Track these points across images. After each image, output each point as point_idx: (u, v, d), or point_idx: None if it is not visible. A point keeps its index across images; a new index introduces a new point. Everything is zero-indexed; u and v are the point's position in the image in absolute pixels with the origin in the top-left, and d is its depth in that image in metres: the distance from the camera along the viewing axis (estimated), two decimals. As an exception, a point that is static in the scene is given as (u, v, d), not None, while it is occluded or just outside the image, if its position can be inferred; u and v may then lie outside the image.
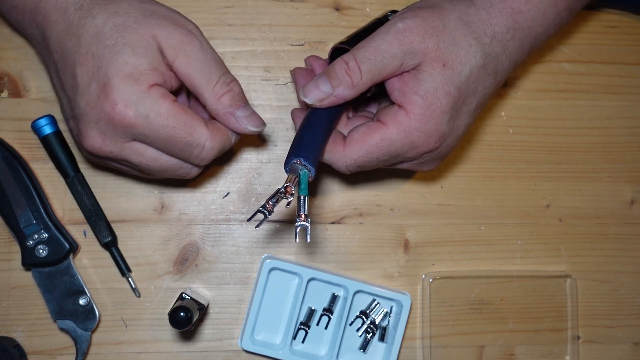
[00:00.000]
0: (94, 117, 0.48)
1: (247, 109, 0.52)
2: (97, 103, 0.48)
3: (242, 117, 0.51)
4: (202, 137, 0.50)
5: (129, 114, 0.47)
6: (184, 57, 0.49)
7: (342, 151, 0.52)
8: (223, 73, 0.51)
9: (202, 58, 0.50)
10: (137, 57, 0.48)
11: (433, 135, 0.51)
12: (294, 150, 0.49)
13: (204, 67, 0.50)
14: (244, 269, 0.64)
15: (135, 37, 0.48)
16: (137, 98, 0.47)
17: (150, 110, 0.48)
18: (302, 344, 0.64)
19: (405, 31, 0.50)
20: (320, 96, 0.51)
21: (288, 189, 0.47)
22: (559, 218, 0.67)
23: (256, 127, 0.52)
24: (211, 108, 0.51)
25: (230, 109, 0.51)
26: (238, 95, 0.51)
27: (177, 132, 0.49)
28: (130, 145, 0.50)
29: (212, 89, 0.50)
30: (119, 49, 0.48)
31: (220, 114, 0.51)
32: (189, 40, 0.50)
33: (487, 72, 0.52)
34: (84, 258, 0.62)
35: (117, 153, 0.50)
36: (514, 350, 0.66)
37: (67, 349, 0.61)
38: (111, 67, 0.47)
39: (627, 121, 0.68)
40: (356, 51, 0.51)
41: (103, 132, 0.49)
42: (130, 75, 0.47)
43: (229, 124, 0.52)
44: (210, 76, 0.50)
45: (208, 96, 0.50)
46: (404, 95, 0.51)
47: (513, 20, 0.53)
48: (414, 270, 0.65)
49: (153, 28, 0.49)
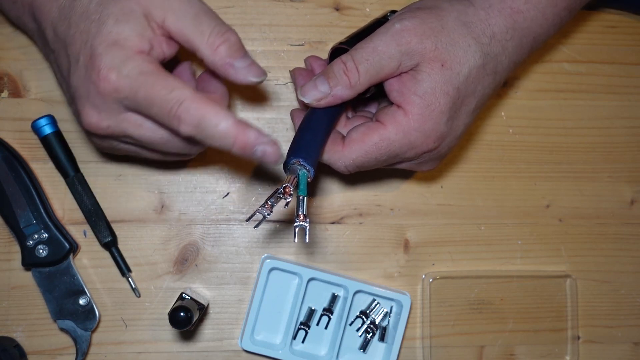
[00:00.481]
0: (85, 92, 0.48)
1: (246, 59, 0.49)
2: (85, 75, 0.47)
3: (242, 68, 0.49)
4: (182, 94, 0.46)
5: (112, 77, 0.46)
6: (172, 14, 0.48)
7: (341, 151, 0.52)
8: (217, 23, 0.48)
9: (191, 11, 0.48)
10: (120, 25, 0.47)
11: (432, 136, 0.51)
12: (292, 151, 0.49)
13: (194, 20, 0.48)
14: (244, 269, 0.64)
15: (118, 7, 0.47)
16: (120, 61, 0.46)
17: (132, 70, 0.46)
18: (302, 344, 0.64)
19: (403, 32, 0.50)
20: (318, 96, 0.51)
21: (287, 190, 0.47)
22: (559, 218, 0.67)
23: (257, 77, 0.49)
24: (208, 61, 0.48)
25: (228, 59, 0.48)
26: (235, 45, 0.48)
27: (156, 88, 0.46)
28: (126, 117, 0.48)
29: (206, 41, 0.48)
30: (103, 21, 0.47)
31: (218, 66, 0.48)
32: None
33: (487, 72, 0.52)
34: (84, 258, 0.62)
35: (116, 127, 0.49)
36: (514, 350, 0.66)
37: (67, 349, 0.62)
38: (96, 38, 0.46)
39: (627, 121, 0.68)
40: (354, 52, 0.51)
41: (96, 105, 0.48)
42: (114, 42, 0.46)
43: (228, 75, 0.49)
44: (202, 28, 0.48)
45: (204, 49, 0.48)
46: (402, 96, 0.51)
47: (512, 20, 0.53)
48: (414, 270, 0.65)
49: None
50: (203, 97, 0.46)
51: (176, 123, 0.46)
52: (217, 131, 0.46)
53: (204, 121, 0.45)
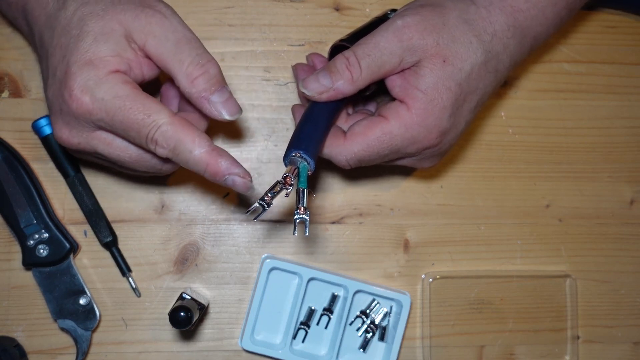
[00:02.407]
0: (57, 107, 0.47)
1: (223, 94, 0.48)
2: (58, 92, 0.47)
3: (217, 103, 0.48)
4: (160, 118, 0.45)
5: (85, 100, 0.45)
6: (153, 39, 0.47)
7: (342, 145, 0.52)
8: (197, 53, 0.47)
9: (172, 38, 0.47)
10: (97, 44, 0.46)
11: (434, 131, 0.51)
12: (293, 143, 0.49)
13: (174, 47, 0.47)
14: (244, 269, 0.64)
15: (99, 25, 0.46)
16: (94, 83, 0.45)
17: (106, 94, 0.45)
18: (302, 344, 0.64)
19: (405, 28, 0.50)
20: (319, 89, 0.51)
21: (287, 179, 0.47)
22: (558, 218, 0.67)
23: (231, 115, 0.48)
24: (185, 91, 0.48)
25: (204, 93, 0.47)
26: (214, 78, 0.48)
27: (133, 112, 0.45)
28: (97, 135, 0.48)
29: (184, 70, 0.47)
30: (82, 38, 0.46)
31: (194, 98, 0.48)
32: (156, 20, 0.47)
33: (488, 69, 0.52)
34: (84, 258, 0.62)
35: (85, 144, 0.48)
36: (514, 350, 0.66)
37: (68, 348, 0.62)
38: (73, 55, 0.46)
39: (627, 121, 0.68)
40: (356, 47, 0.51)
41: (67, 122, 0.47)
42: (88, 62, 0.46)
43: (203, 109, 0.48)
44: (181, 56, 0.47)
45: (181, 78, 0.47)
46: (405, 91, 0.51)
47: (513, 18, 0.53)
48: (414, 270, 0.65)
49: (119, 14, 0.47)
50: (180, 121, 0.46)
51: (153, 146, 0.46)
52: (191, 157, 0.46)
53: (179, 146, 0.46)
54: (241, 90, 0.64)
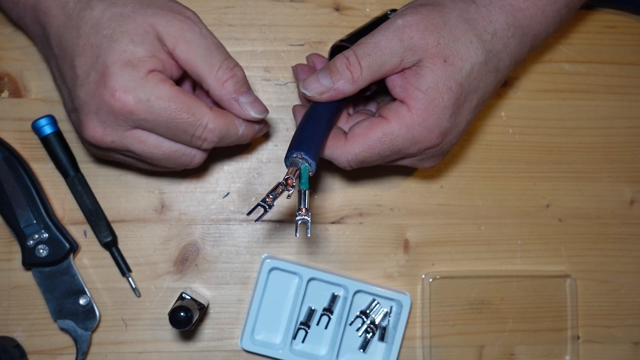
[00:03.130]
0: (94, 107, 0.48)
1: (250, 95, 0.52)
2: (96, 92, 0.48)
3: (246, 103, 0.51)
4: (204, 116, 0.49)
5: (129, 101, 0.47)
6: (184, 44, 0.49)
7: (343, 146, 0.52)
8: (225, 58, 0.50)
9: (203, 44, 0.50)
10: (135, 45, 0.48)
11: (435, 131, 0.51)
12: (294, 144, 0.49)
13: (205, 52, 0.49)
14: (244, 269, 0.64)
15: (132, 26, 0.48)
16: (136, 84, 0.47)
17: (150, 94, 0.47)
18: (302, 344, 0.64)
19: (405, 28, 0.50)
20: (320, 89, 0.51)
21: (289, 181, 0.47)
22: (558, 218, 0.67)
23: (259, 113, 0.52)
24: (215, 94, 0.51)
25: (234, 94, 0.51)
26: (241, 81, 0.51)
27: (178, 113, 0.48)
28: (131, 134, 0.50)
29: (215, 75, 0.50)
30: (116, 38, 0.47)
31: (224, 99, 0.51)
32: (188, 27, 0.49)
33: (489, 69, 0.52)
34: (84, 258, 0.62)
35: (119, 142, 0.50)
36: (514, 350, 0.66)
37: (68, 348, 0.62)
38: (109, 55, 0.47)
39: (627, 121, 0.68)
40: (357, 47, 0.51)
41: (104, 121, 0.49)
42: (128, 62, 0.47)
43: (232, 109, 0.51)
44: (212, 61, 0.50)
45: (211, 82, 0.50)
46: (405, 91, 0.51)
47: (513, 17, 0.53)
48: (414, 270, 0.65)
49: (151, 17, 0.48)
50: (218, 113, 0.51)
51: (199, 143, 0.51)
52: (237, 137, 0.53)
53: (226, 135, 0.51)
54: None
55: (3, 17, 0.60)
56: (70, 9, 0.49)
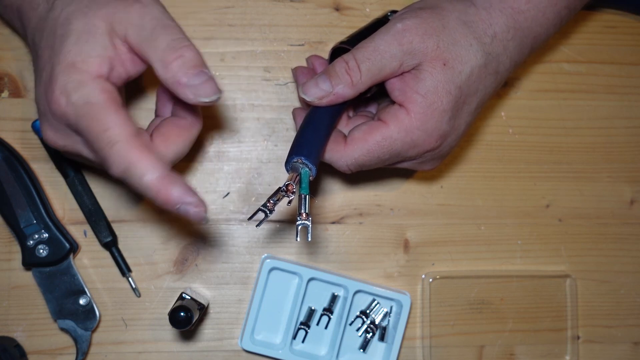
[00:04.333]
0: (42, 109, 0.47)
1: (199, 77, 0.45)
2: (45, 93, 0.46)
3: (193, 86, 0.45)
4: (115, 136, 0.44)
5: (62, 102, 0.45)
6: (131, 28, 0.46)
7: (343, 150, 0.52)
8: (173, 39, 0.46)
9: (149, 25, 0.46)
10: (79, 45, 0.45)
11: (434, 134, 0.51)
12: (294, 149, 0.49)
13: (151, 34, 0.45)
14: (244, 269, 0.64)
15: (81, 23, 0.46)
16: (73, 86, 0.45)
17: (80, 98, 0.44)
18: (302, 344, 0.64)
19: (405, 31, 0.50)
20: (319, 94, 0.51)
21: (289, 187, 0.47)
22: (558, 218, 0.67)
23: (207, 96, 0.45)
24: (161, 78, 0.46)
25: (178, 77, 0.45)
26: (190, 62, 0.45)
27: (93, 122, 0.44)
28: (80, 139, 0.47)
29: (160, 56, 0.45)
30: (65, 38, 0.46)
31: (169, 83, 0.45)
32: (135, 9, 0.46)
33: (488, 71, 0.52)
34: (84, 258, 0.62)
35: (71, 147, 0.48)
36: (514, 350, 0.66)
37: (68, 348, 0.62)
38: (57, 56, 0.46)
39: (627, 121, 0.68)
40: (356, 51, 0.51)
41: (51, 124, 0.47)
42: (71, 64, 0.45)
43: (178, 94, 0.46)
44: (157, 42, 0.45)
45: (156, 65, 0.45)
46: (404, 95, 0.51)
47: (513, 20, 0.53)
48: (414, 270, 0.65)
49: (102, 8, 0.46)
50: (137, 142, 0.44)
51: (106, 163, 0.45)
52: (141, 182, 0.44)
53: (130, 169, 0.44)
54: (241, 90, 0.64)
55: (1, 19, 0.60)
56: (40, 11, 0.49)
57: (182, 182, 0.44)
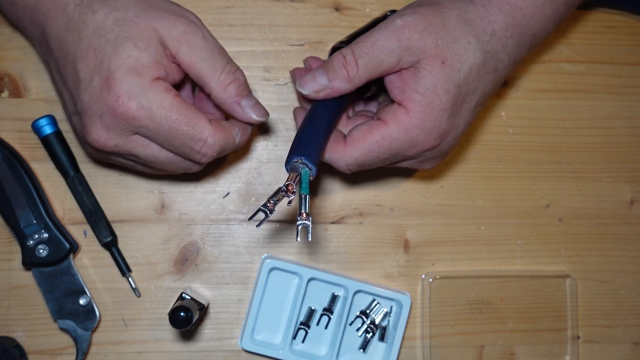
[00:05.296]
0: (97, 111, 0.48)
1: (251, 99, 0.52)
2: (100, 96, 0.48)
3: (247, 107, 0.52)
4: (204, 130, 0.50)
5: (132, 106, 0.47)
6: (187, 48, 0.49)
7: (342, 150, 0.52)
8: (227, 62, 0.51)
9: (206, 47, 0.50)
10: (139, 51, 0.48)
11: (433, 133, 0.51)
12: (295, 149, 0.49)
13: (208, 56, 0.50)
14: (244, 269, 0.64)
15: (136, 31, 0.48)
16: (140, 90, 0.48)
17: (153, 102, 0.48)
18: (302, 344, 0.64)
19: (404, 28, 0.50)
20: (316, 87, 0.51)
21: (289, 188, 0.47)
22: (558, 218, 0.67)
23: (261, 116, 0.53)
24: (217, 97, 0.51)
25: (236, 98, 0.51)
26: (243, 85, 0.52)
27: (179, 124, 0.49)
28: (134, 138, 0.50)
29: (217, 78, 0.50)
30: (120, 43, 0.48)
31: (227, 103, 0.51)
32: (191, 30, 0.50)
33: (487, 69, 0.52)
34: (84, 258, 0.62)
35: (122, 146, 0.50)
36: (514, 350, 0.66)
37: (68, 348, 0.62)
38: (114, 60, 0.47)
39: (627, 121, 0.68)
40: (354, 46, 0.51)
41: (107, 125, 0.49)
42: (132, 68, 0.47)
43: (234, 113, 0.52)
44: (215, 65, 0.50)
45: (214, 85, 0.50)
46: (403, 93, 0.51)
47: (511, 17, 0.53)
48: (414, 270, 0.65)
49: (154, 21, 0.49)
50: (217, 127, 0.51)
51: (198, 157, 0.51)
52: (234, 147, 0.53)
53: (225, 147, 0.52)
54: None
55: (2, 18, 0.60)
56: (70, 12, 0.49)
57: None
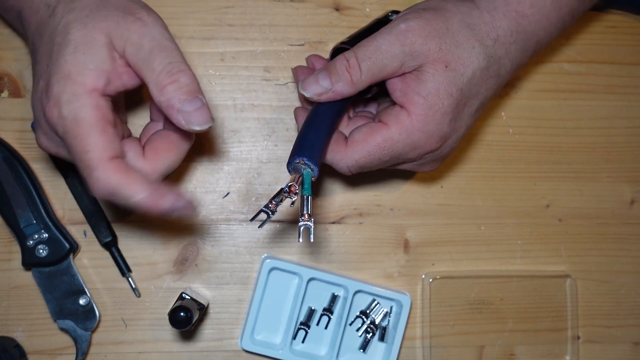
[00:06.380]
0: (37, 116, 0.48)
1: (193, 103, 0.45)
2: (41, 101, 0.46)
3: (186, 113, 0.45)
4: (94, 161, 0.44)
5: (54, 114, 0.45)
6: (130, 46, 0.46)
7: (343, 152, 0.52)
8: (170, 62, 0.46)
9: (148, 46, 0.46)
10: (76, 55, 0.45)
11: (434, 136, 0.51)
12: (296, 150, 0.49)
13: (148, 55, 0.46)
14: (244, 269, 0.64)
15: (81, 33, 0.46)
16: (67, 99, 0.45)
17: (70, 113, 0.44)
18: (302, 344, 0.64)
19: (408, 32, 0.50)
20: (318, 90, 0.51)
21: (292, 188, 0.47)
22: (558, 218, 0.67)
23: (199, 124, 0.45)
24: (155, 100, 0.46)
25: (172, 101, 0.45)
26: (185, 87, 0.45)
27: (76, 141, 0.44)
28: None
29: (155, 79, 0.45)
30: (63, 47, 0.45)
31: (163, 107, 0.46)
32: (136, 27, 0.46)
33: (490, 74, 0.52)
34: (84, 258, 0.62)
35: (65, 154, 0.48)
36: (514, 350, 0.66)
37: (67, 348, 0.62)
38: (54, 65, 0.45)
39: (627, 121, 0.68)
40: (357, 49, 0.51)
41: (44, 131, 0.48)
42: (67, 75, 0.45)
43: (171, 119, 0.46)
44: (154, 65, 0.45)
45: (152, 87, 0.46)
46: (405, 96, 0.51)
47: (516, 23, 0.53)
48: (414, 270, 0.65)
49: (102, 21, 0.46)
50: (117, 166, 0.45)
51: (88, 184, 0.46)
52: (132, 202, 0.45)
53: (118, 192, 0.45)
54: (241, 90, 0.64)
55: (2, 19, 0.60)
56: (41, 16, 0.48)
57: (170, 192, 0.46)
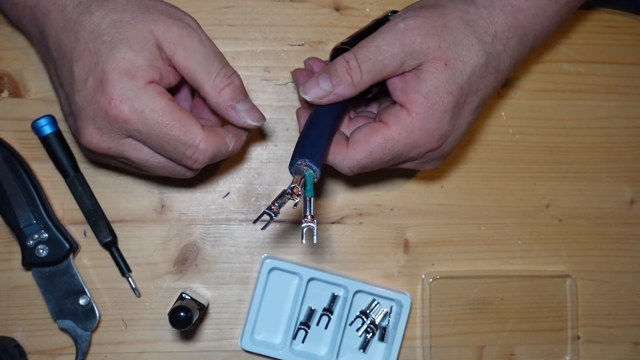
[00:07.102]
0: (90, 113, 0.48)
1: (247, 103, 0.51)
2: (93, 98, 0.48)
3: (243, 111, 0.51)
4: (196, 136, 0.49)
5: (124, 109, 0.47)
6: (183, 51, 0.49)
7: (344, 153, 0.52)
8: (223, 66, 0.50)
9: (202, 51, 0.49)
10: (134, 53, 0.47)
11: (435, 134, 0.51)
12: (298, 151, 0.49)
13: (203, 59, 0.49)
14: (244, 269, 0.64)
15: (132, 33, 0.48)
16: (133, 93, 0.47)
17: (145, 106, 0.47)
18: (302, 344, 0.64)
19: (407, 31, 0.50)
20: (320, 94, 0.51)
21: (294, 190, 0.47)
22: (559, 218, 0.67)
23: (256, 121, 0.51)
24: (212, 101, 0.50)
25: (230, 102, 0.50)
26: (239, 89, 0.51)
27: (171, 129, 0.48)
28: (127, 141, 0.50)
29: (212, 82, 0.49)
30: (116, 45, 0.47)
31: (221, 107, 0.50)
32: (187, 33, 0.49)
33: (489, 70, 0.52)
34: (84, 258, 0.62)
35: (115, 149, 0.50)
36: (514, 350, 0.66)
37: (67, 348, 0.62)
38: (108, 62, 0.47)
39: (627, 121, 0.68)
40: (357, 50, 0.51)
41: (100, 127, 0.49)
42: (126, 71, 0.47)
43: (229, 117, 0.51)
44: (210, 69, 0.49)
45: (208, 89, 0.50)
46: (405, 95, 0.51)
47: (513, 18, 0.53)
48: (414, 270, 0.65)
49: (150, 23, 0.48)
50: (210, 133, 0.50)
51: (190, 163, 0.50)
52: (227, 154, 0.52)
53: (218, 154, 0.51)
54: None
55: (3, 17, 0.60)
56: (69, 13, 0.49)
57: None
